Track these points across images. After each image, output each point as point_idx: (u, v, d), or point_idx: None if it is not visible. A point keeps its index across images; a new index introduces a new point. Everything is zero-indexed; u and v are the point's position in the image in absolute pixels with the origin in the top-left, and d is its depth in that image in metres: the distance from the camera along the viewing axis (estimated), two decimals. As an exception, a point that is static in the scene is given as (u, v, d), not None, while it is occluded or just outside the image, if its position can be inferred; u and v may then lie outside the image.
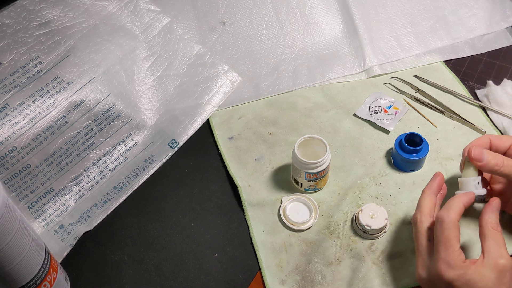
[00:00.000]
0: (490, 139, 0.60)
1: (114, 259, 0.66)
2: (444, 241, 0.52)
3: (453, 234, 0.52)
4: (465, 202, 0.55)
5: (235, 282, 0.63)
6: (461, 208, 0.54)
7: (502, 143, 0.60)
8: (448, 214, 0.53)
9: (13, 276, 0.52)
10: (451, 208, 0.54)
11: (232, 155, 0.75)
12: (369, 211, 0.65)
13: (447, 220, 0.53)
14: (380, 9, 0.91)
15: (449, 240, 0.52)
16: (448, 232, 0.52)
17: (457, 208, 0.54)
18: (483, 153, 0.57)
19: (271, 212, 0.69)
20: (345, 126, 0.78)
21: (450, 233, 0.52)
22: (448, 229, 0.52)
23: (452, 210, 0.53)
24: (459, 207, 0.54)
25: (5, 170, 0.67)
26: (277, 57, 0.87)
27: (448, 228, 0.52)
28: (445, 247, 0.52)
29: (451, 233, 0.52)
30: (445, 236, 0.52)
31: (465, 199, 0.55)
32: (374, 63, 0.84)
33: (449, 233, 0.52)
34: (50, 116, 0.70)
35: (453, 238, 0.52)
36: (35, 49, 0.75)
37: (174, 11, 0.90)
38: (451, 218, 0.53)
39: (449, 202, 0.55)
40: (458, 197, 0.55)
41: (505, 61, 0.85)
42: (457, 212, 0.53)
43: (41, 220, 0.69)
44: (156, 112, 0.80)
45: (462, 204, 0.54)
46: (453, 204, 0.54)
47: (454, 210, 0.53)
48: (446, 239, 0.52)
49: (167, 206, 0.71)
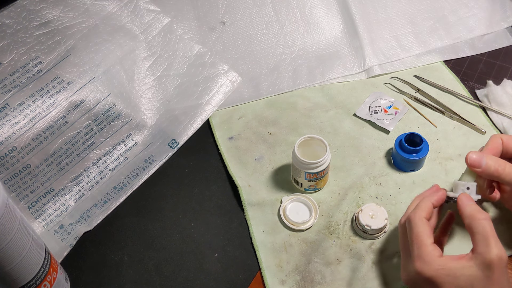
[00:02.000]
0: (502, 139, 0.59)
1: (114, 259, 0.66)
2: (415, 239, 0.52)
3: (422, 231, 0.52)
4: (433, 200, 0.56)
5: (235, 282, 0.63)
6: (429, 206, 0.55)
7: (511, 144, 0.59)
8: (414, 213, 0.54)
9: (13, 276, 0.52)
10: (418, 207, 0.55)
11: (232, 155, 0.75)
12: (369, 211, 0.65)
13: (414, 218, 0.54)
14: (380, 9, 0.91)
15: (418, 237, 0.52)
16: (416, 229, 0.53)
17: (424, 207, 0.55)
18: (481, 159, 0.56)
19: (271, 212, 0.69)
20: (345, 126, 0.78)
21: (419, 230, 0.53)
22: (416, 226, 0.53)
23: (418, 208, 0.55)
24: (427, 206, 0.55)
25: (5, 170, 0.67)
26: (277, 57, 0.87)
27: (416, 226, 0.53)
28: (417, 244, 0.52)
29: (420, 230, 0.52)
30: (415, 234, 0.53)
31: (434, 198, 0.56)
32: (374, 63, 0.84)
33: (418, 230, 0.53)
34: (50, 116, 0.70)
35: (423, 235, 0.52)
36: (35, 49, 0.75)
37: (174, 11, 0.90)
38: (418, 215, 0.54)
39: (418, 203, 0.56)
40: (426, 197, 0.56)
41: (505, 61, 0.85)
42: (424, 210, 0.54)
43: (41, 220, 0.69)
44: (156, 112, 0.80)
45: (430, 203, 0.55)
46: (421, 204, 0.55)
47: (420, 208, 0.55)
48: (416, 237, 0.52)
49: (167, 206, 0.71)
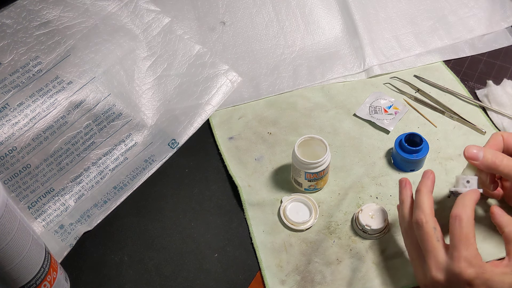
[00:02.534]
0: (502, 136, 0.59)
1: (114, 259, 0.66)
2: (465, 239, 0.50)
3: (472, 232, 0.50)
4: (475, 199, 0.54)
5: (235, 282, 0.63)
6: (474, 205, 0.53)
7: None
8: (465, 211, 0.51)
9: (13, 276, 0.52)
10: (466, 204, 0.52)
11: (232, 155, 0.75)
12: (369, 211, 0.65)
13: (465, 217, 0.51)
14: (380, 9, 0.91)
15: (468, 238, 0.50)
16: (467, 229, 0.50)
17: (471, 204, 0.52)
18: (479, 152, 0.56)
19: (271, 212, 0.69)
20: (345, 126, 0.78)
21: (469, 230, 0.50)
22: (467, 226, 0.51)
23: (467, 206, 0.52)
24: (473, 204, 0.53)
25: (5, 170, 0.67)
26: (277, 57, 0.87)
27: (467, 226, 0.51)
28: (466, 245, 0.50)
29: (470, 231, 0.50)
30: (464, 233, 0.50)
31: (474, 196, 0.54)
32: (374, 63, 0.84)
33: (468, 231, 0.50)
34: (50, 116, 0.70)
35: (472, 236, 0.50)
36: (35, 49, 0.75)
37: (174, 11, 0.90)
38: (468, 214, 0.51)
39: (462, 198, 0.53)
40: (469, 194, 0.54)
41: (505, 61, 0.85)
42: (472, 208, 0.52)
43: (41, 220, 0.69)
44: (156, 112, 0.80)
45: (474, 201, 0.53)
46: (467, 201, 0.53)
47: (469, 206, 0.52)
48: (466, 237, 0.50)
49: (167, 206, 0.71)
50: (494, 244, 0.62)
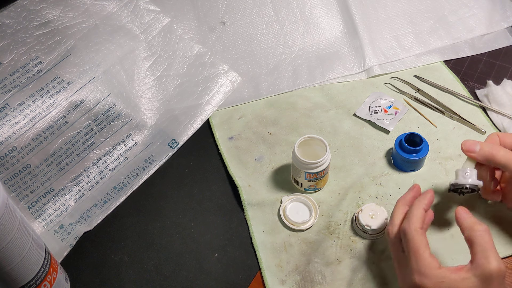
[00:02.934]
0: (498, 136, 0.60)
1: (114, 259, 0.66)
2: (413, 251, 0.51)
3: (418, 243, 0.51)
4: (424, 205, 0.55)
5: (235, 282, 0.63)
6: (421, 213, 0.54)
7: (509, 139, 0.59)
8: (408, 224, 0.53)
9: (13, 276, 0.52)
10: (411, 217, 0.53)
11: (232, 155, 0.75)
12: (369, 211, 0.65)
13: (408, 230, 0.52)
14: (380, 9, 0.91)
15: (416, 249, 0.51)
16: (413, 241, 0.51)
17: (417, 215, 0.53)
18: (475, 144, 0.57)
19: (271, 212, 0.69)
20: (345, 126, 0.78)
21: (415, 242, 0.51)
22: (412, 238, 0.52)
23: (412, 218, 0.53)
24: (419, 213, 0.54)
25: (5, 170, 0.67)
26: (277, 57, 0.87)
27: (412, 238, 0.52)
28: (415, 257, 0.51)
29: (416, 242, 0.51)
30: (411, 246, 0.51)
31: (423, 202, 0.55)
32: (374, 63, 0.84)
33: (414, 243, 0.51)
34: (50, 116, 0.70)
35: (420, 247, 0.51)
36: (35, 49, 0.75)
37: (174, 11, 0.90)
38: (413, 226, 0.52)
39: (409, 211, 0.55)
40: (416, 204, 0.55)
41: (505, 61, 0.85)
42: (418, 218, 0.53)
43: (41, 220, 0.69)
44: (156, 112, 0.80)
45: (421, 209, 0.54)
46: (412, 212, 0.54)
47: (414, 217, 0.53)
48: (413, 249, 0.51)
49: (167, 206, 0.71)
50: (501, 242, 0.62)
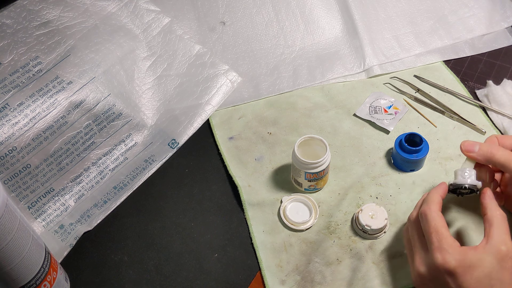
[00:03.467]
0: (497, 138, 0.60)
1: (114, 259, 0.66)
2: (435, 231, 0.52)
3: (440, 224, 0.53)
4: (440, 193, 0.57)
5: (235, 282, 0.63)
6: (438, 199, 0.56)
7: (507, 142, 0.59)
8: (428, 207, 0.55)
9: (13, 276, 0.52)
10: (429, 201, 0.55)
11: (232, 155, 0.75)
12: (369, 211, 0.65)
13: (429, 212, 0.54)
14: (380, 9, 0.91)
15: (438, 229, 0.52)
16: (434, 222, 0.53)
17: (435, 200, 0.55)
18: (474, 144, 0.58)
19: (271, 212, 0.69)
20: (345, 126, 0.78)
21: (437, 223, 0.53)
22: (433, 219, 0.53)
23: (431, 202, 0.55)
24: (437, 199, 0.56)
25: (5, 170, 0.67)
26: (277, 57, 0.87)
27: (433, 219, 0.53)
28: (436, 236, 0.52)
29: (438, 223, 0.53)
30: (433, 226, 0.53)
31: (439, 190, 0.57)
32: (374, 63, 0.84)
33: (436, 223, 0.53)
34: (50, 116, 0.70)
35: (441, 227, 0.52)
36: (35, 49, 0.75)
37: (174, 11, 0.90)
38: (433, 208, 0.54)
39: (426, 197, 0.57)
40: (432, 191, 0.57)
41: (505, 61, 0.85)
42: (436, 203, 0.55)
43: (41, 220, 0.69)
44: (156, 112, 0.80)
45: (438, 195, 0.56)
46: (430, 198, 0.56)
47: (433, 202, 0.55)
48: (435, 229, 0.53)
49: (167, 206, 0.71)
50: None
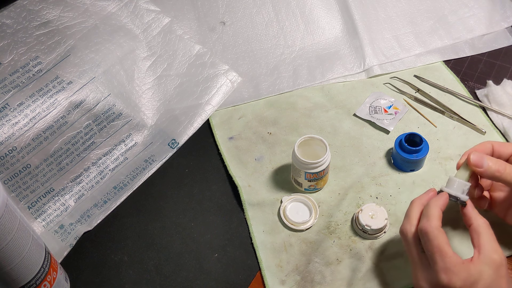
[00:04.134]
0: (493, 145, 0.58)
1: (114, 259, 0.66)
2: (438, 251, 0.51)
3: (442, 241, 0.51)
4: (440, 205, 0.54)
5: (235, 282, 0.63)
6: (439, 213, 0.53)
7: (505, 150, 0.58)
8: (429, 223, 0.52)
9: (13, 276, 0.52)
10: (430, 216, 0.53)
11: (232, 155, 0.75)
12: (369, 211, 0.65)
13: (430, 229, 0.51)
14: (380, 9, 0.91)
15: (440, 248, 0.51)
16: (437, 240, 0.51)
17: (435, 213, 0.53)
18: (483, 159, 0.55)
19: (271, 212, 0.69)
20: (345, 126, 0.78)
21: (439, 241, 0.51)
22: (435, 237, 0.51)
23: (431, 217, 0.52)
24: (437, 213, 0.53)
25: (5, 170, 0.67)
26: (277, 57, 0.87)
27: (435, 237, 0.51)
28: (441, 256, 0.50)
29: (440, 241, 0.51)
30: (435, 245, 0.51)
31: (439, 203, 0.54)
32: (374, 63, 0.84)
33: (438, 241, 0.51)
34: (50, 116, 0.70)
35: (444, 245, 0.51)
36: (35, 49, 0.75)
37: (174, 11, 0.90)
38: (434, 225, 0.52)
39: (425, 210, 0.54)
40: (433, 203, 0.54)
41: (505, 61, 0.85)
42: (436, 218, 0.52)
43: (41, 220, 0.69)
44: (156, 112, 0.80)
45: (439, 209, 0.53)
46: (430, 211, 0.53)
47: (433, 216, 0.52)
48: (438, 248, 0.51)
49: (167, 206, 0.71)
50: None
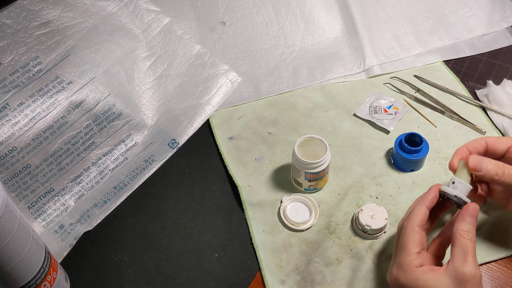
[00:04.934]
0: (486, 141, 0.59)
1: (114, 259, 0.66)
2: (401, 246, 0.53)
3: (410, 239, 0.53)
4: (427, 204, 0.55)
5: (235, 282, 0.63)
6: (423, 212, 0.54)
7: (499, 146, 0.58)
8: (407, 220, 0.54)
9: (13, 276, 0.52)
10: (412, 215, 0.55)
11: (232, 155, 0.75)
12: (369, 211, 0.65)
13: (405, 225, 0.54)
14: (380, 9, 0.91)
15: (405, 245, 0.53)
16: (405, 237, 0.53)
17: (418, 213, 0.54)
18: (482, 162, 0.55)
19: (271, 212, 0.69)
20: (345, 126, 0.78)
21: (407, 238, 0.53)
22: (405, 234, 0.53)
23: (412, 216, 0.54)
24: (421, 212, 0.54)
25: (5, 170, 0.67)
26: (277, 57, 0.87)
27: (405, 234, 0.53)
28: (401, 251, 0.53)
29: (408, 238, 0.53)
30: (402, 241, 0.53)
31: (427, 202, 0.55)
32: (374, 63, 0.84)
33: (405, 238, 0.53)
34: (50, 116, 0.70)
35: (409, 243, 0.52)
36: (35, 49, 0.75)
37: (174, 11, 0.90)
38: (410, 223, 0.54)
39: (412, 207, 0.56)
40: (420, 201, 0.55)
41: (505, 61, 0.85)
42: (417, 217, 0.54)
43: (41, 220, 0.69)
44: (156, 112, 0.80)
45: (424, 208, 0.55)
46: (415, 210, 0.55)
47: (414, 215, 0.54)
48: (402, 244, 0.53)
49: (167, 206, 0.71)
50: (494, 244, 0.63)
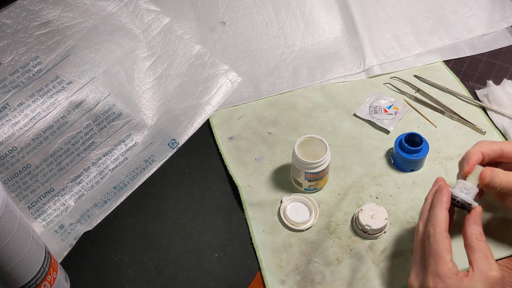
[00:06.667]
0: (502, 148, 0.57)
1: (114, 259, 0.66)
2: (434, 254, 0.51)
3: (442, 246, 0.51)
4: (445, 205, 0.54)
5: (235, 282, 0.63)
6: (445, 214, 0.53)
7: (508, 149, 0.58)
8: (433, 227, 0.52)
9: (13, 276, 0.52)
10: (437, 219, 0.53)
11: (232, 155, 0.75)
12: (369, 211, 0.65)
13: (433, 233, 0.52)
14: (380, 9, 0.91)
15: (438, 252, 0.51)
16: (436, 244, 0.51)
17: (442, 218, 0.53)
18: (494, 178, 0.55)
19: (271, 212, 0.69)
20: (345, 126, 0.78)
21: (439, 245, 0.51)
22: (436, 241, 0.51)
23: (437, 221, 0.53)
24: (445, 216, 0.53)
25: (5, 170, 0.67)
26: (277, 57, 0.87)
27: (436, 241, 0.51)
28: (435, 259, 0.51)
29: (440, 245, 0.51)
30: (434, 248, 0.51)
31: (445, 204, 0.54)
32: (374, 63, 0.84)
33: (438, 245, 0.51)
34: (50, 116, 0.70)
35: (442, 250, 0.51)
36: (35, 49, 0.75)
37: (174, 11, 0.90)
38: (438, 230, 0.52)
39: (433, 213, 0.54)
40: (438, 205, 0.54)
41: (505, 61, 0.85)
42: (443, 222, 0.52)
43: (41, 220, 0.69)
44: (156, 112, 0.80)
45: (445, 212, 0.53)
46: (438, 215, 0.53)
47: (439, 221, 0.53)
48: (435, 252, 0.51)
49: (167, 206, 0.71)
50: (494, 244, 0.63)
